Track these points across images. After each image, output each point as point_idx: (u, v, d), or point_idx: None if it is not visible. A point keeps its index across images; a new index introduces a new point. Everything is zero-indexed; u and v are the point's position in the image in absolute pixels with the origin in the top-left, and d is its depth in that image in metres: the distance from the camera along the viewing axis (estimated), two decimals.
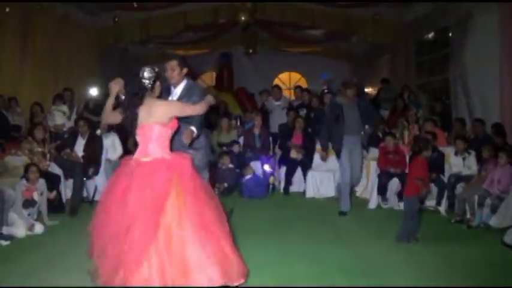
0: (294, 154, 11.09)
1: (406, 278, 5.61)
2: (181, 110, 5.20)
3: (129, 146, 11.00)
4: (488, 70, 11.19)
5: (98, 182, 10.07)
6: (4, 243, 7.10)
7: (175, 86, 6.14)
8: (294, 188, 11.14)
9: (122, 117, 5.10)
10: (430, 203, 9.29)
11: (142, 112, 4.97)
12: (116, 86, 5.36)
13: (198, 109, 5.34)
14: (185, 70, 6.02)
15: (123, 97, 5.29)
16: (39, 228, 7.76)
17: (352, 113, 8.93)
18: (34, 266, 6.19)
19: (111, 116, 5.32)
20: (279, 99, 13.17)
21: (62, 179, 9.53)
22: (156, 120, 4.91)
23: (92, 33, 16.12)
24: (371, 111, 9.90)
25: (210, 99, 5.56)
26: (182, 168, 4.86)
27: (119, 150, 10.60)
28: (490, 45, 11.13)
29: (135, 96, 5.04)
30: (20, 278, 5.74)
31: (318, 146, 11.07)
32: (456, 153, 9.44)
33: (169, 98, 6.17)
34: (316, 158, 11.11)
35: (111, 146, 10.49)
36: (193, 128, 5.85)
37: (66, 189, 9.73)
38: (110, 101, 5.35)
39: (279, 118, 12.67)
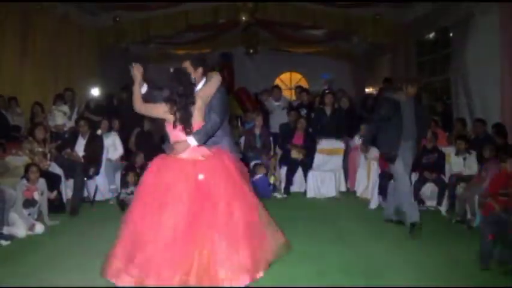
0: (294, 154, 11.08)
1: (406, 278, 5.61)
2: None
3: (130, 146, 11.02)
4: (489, 70, 11.18)
5: (99, 182, 10.11)
6: (4, 243, 7.10)
7: (196, 84, 6.10)
8: (294, 188, 11.12)
9: (167, 114, 5.15)
10: (431, 203, 9.29)
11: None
12: (139, 73, 5.42)
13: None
14: (200, 69, 5.89)
15: (145, 86, 5.49)
16: (39, 228, 7.76)
17: (409, 114, 7.75)
18: (34, 266, 6.19)
19: (144, 107, 5.34)
20: (278, 100, 13.19)
21: (63, 178, 9.54)
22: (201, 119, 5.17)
23: (92, 33, 16.12)
24: (428, 119, 9.10)
25: None
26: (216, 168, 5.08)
27: (120, 150, 10.62)
28: (490, 45, 11.12)
29: (189, 95, 5.14)
30: (21, 278, 5.74)
31: (319, 146, 11.10)
32: (457, 153, 9.44)
33: None
34: (317, 158, 11.13)
35: (112, 145, 10.51)
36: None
37: (67, 189, 9.74)
38: (137, 89, 5.36)
39: (279, 118, 12.69)
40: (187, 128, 5.05)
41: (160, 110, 5.17)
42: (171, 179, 4.95)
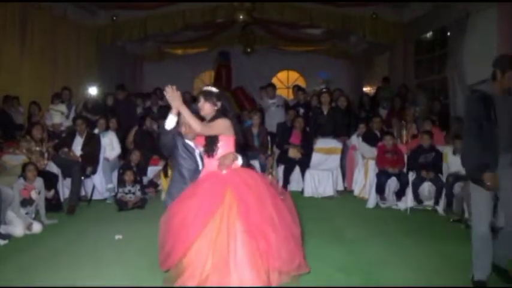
0: (292, 154, 11.07)
1: (404, 277, 5.62)
2: None
3: (127, 145, 11.02)
4: (486, 69, 11.15)
5: (96, 181, 10.11)
6: (2, 242, 7.09)
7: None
8: (292, 187, 11.08)
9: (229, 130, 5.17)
10: (429, 202, 9.29)
11: None
12: (177, 95, 5.01)
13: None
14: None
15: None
16: (37, 227, 7.75)
17: (507, 114, 5.24)
18: (32, 265, 6.18)
19: (209, 127, 5.15)
20: (273, 98, 13.18)
21: (60, 178, 9.54)
22: None
23: (89, 32, 16.09)
24: None
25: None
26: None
27: (117, 149, 10.60)
28: (487, 45, 11.11)
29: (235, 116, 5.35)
30: (18, 277, 5.74)
31: (317, 146, 11.09)
32: (454, 153, 9.42)
33: None
34: (315, 157, 11.13)
35: (109, 144, 10.49)
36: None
37: (64, 188, 9.74)
38: (185, 111, 5.00)
39: (274, 117, 12.71)
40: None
41: (225, 125, 5.16)
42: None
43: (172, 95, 4.94)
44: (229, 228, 4.73)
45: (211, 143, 5.10)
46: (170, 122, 5.33)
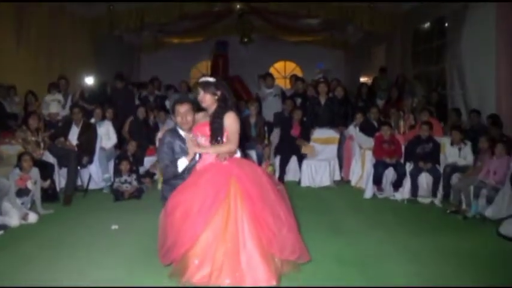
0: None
1: (401, 268, 5.60)
2: None
3: (123, 134, 10.98)
4: (485, 60, 11.16)
5: (92, 171, 10.07)
6: None
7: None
8: (288, 177, 11.08)
9: None
10: (426, 193, 9.27)
11: None
12: (196, 149, 5.29)
13: None
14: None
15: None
16: (32, 217, 7.71)
17: None
18: (27, 255, 6.15)
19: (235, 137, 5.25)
20: (271, 87, 13.15)
21: (56, 167, 9.51)
22: None
23: (86, 22, 16.03)
24: None
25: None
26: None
27: (113, 138, 10.56)
28: (486, 36, 11.09)
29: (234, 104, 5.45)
30: (13, 267, 5.71)
31: (314, 136, 11.07)
32: (452, 144, 9.41)
33: None
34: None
35: (106, 134, 10.44)
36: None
37: (60, 178, 9.70)
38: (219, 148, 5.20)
39: (271, 106, 12.70)
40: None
41: (236, 119, 5.27)
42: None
43: (191, 143, 5.22)
44: (236, 218, 4.79)
45: (216, 134, 5.13)
46: (182, 164, 5.40)
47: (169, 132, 5.66)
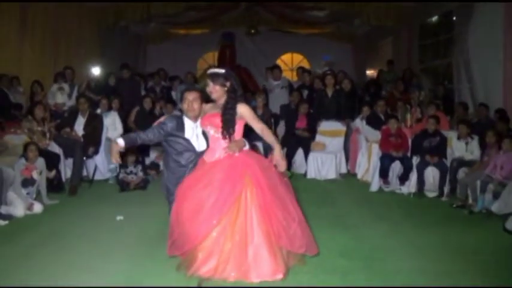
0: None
1: (406, 263, 5.58)
2: None
3: (129, 124, 10.97)
4: (492, 55, 11.11)
5: (98, 161, 10.08)
6: (2, 222, 7.07)
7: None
8: (295, 169, 11.07)
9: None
10: (431, 187, 9.23)
11: None
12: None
13: None
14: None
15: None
16: (38, 207, 7.73)
17: None
18: (32, 245, 6.16)
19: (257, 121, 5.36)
20: (278, 79, 13.12)
21: (62, 158, 9.51)
22: None
23: (92, 12, 15.96)
24: None
25: None
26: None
27: (119, 129, 10.54)
28: (493, 30, 11.04)
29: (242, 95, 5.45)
30: (17, 258, 5.71)
31: (320, 128, 11.05)
32: (459, 138, 9.37)
33: None
34: (318, 139, 11.08)
35: (112, 124, 10.44)
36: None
37: (66, 168, 9.72)
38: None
39: (278, 98, 12.70)
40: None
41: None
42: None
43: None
44: (246, 210, 4.82)
45: (228, 125, 5.12)
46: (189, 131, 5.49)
47: (172, 116, 5.65)
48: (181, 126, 5.50)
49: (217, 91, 5.21)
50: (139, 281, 5.00)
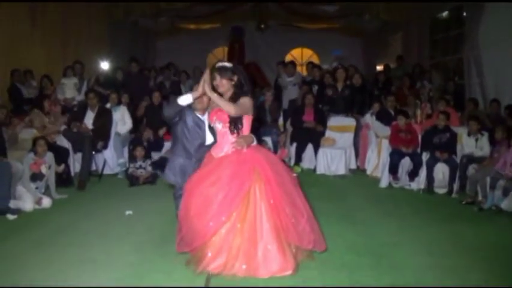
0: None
1: (414, 260, 5.56)
2: None
3: (138, 115, 10.98)
4: (503, 50, 11.05)
5: (107, 156, 10.08)
6: (12, 217, 7.09)
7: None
8: (304, 165, 11.05)
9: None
10: (441, 183, 9.19)
11: None
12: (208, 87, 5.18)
13: None
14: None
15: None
16: (46, 202, 7.74)
17: None
18: (41, 240, 6.17)
19: (240, 107, 5.14)
20: (291, 75, 13.07)
21: (71, 152, 9.54)
22: None
23: (101, 6, 15.97)
24: None
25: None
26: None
27: (129, 123, 10.55)
28: (504, 25, 10.99)
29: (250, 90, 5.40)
30: (26, 252, 5.73)
31: (330, 123, 11.01)
32: (469, 134, 9.31)
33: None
34: (328, 135, 11.04)
35: (121, 119, 10.44)
36: None
37: (75, 162, 9.73)
38: (217, 98, 5.12)
39: (291, 95, 12.66)
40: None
41: (251, 104, 5.24)
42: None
43: (206, 79, 5.13)
44: (255, 207, 4.83)
45: (236, 121, 5.11)
46: (185, 100, 5.35)
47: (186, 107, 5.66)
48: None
49: (224, 85, 5.19)
50: (148, 277, 5.00)
